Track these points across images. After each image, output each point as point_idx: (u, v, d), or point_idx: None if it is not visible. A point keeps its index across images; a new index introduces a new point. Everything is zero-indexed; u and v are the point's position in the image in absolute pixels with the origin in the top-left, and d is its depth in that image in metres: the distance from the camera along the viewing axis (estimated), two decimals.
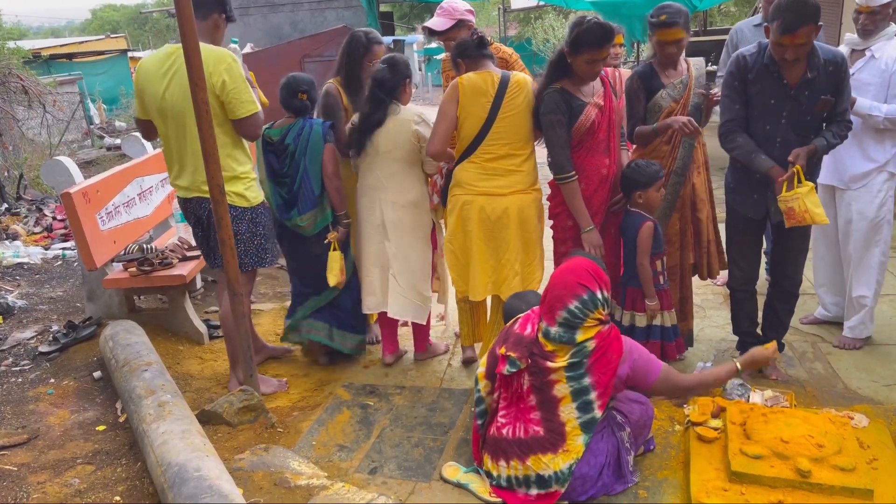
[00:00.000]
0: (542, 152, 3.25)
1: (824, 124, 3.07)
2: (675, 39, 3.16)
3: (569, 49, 2.98)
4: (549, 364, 2.48)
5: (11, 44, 10.49)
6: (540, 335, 2.54)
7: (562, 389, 2.47)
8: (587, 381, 2.46)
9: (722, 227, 3.48)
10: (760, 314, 3.48)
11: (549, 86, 3.08)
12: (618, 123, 3.27)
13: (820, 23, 2.79)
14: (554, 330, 2.49)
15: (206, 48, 2.94)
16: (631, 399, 2.87)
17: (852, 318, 3.65)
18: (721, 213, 3.42)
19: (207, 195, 3.02)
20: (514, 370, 2.56)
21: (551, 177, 3.20)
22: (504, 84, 3.17)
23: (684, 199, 3.40)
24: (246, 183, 3.24)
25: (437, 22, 3.68)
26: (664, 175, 3.14)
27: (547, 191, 3.34)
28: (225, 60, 3.04)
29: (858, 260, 3.55)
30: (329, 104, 3.63)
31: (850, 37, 3.49)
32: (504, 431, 2.60)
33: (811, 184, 2.95)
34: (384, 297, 3.58)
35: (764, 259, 4.52)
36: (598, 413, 2.47)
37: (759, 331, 3.49)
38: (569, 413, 2.48)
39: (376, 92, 3.40)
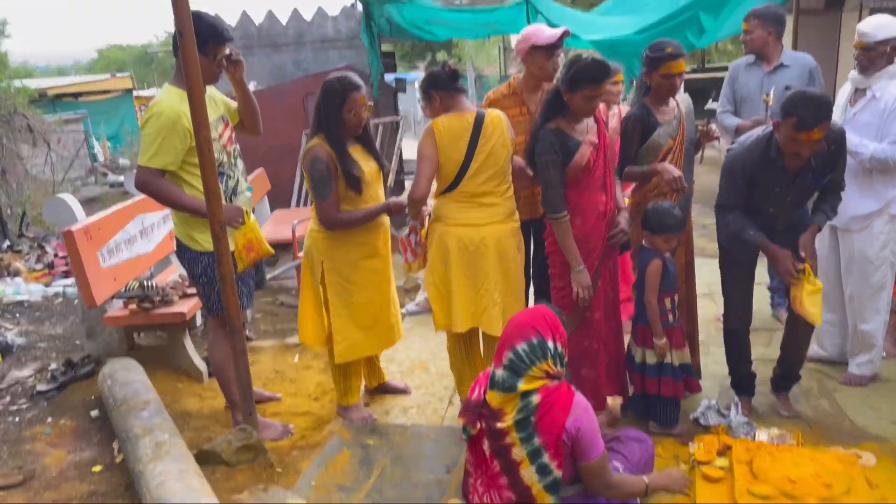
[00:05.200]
0: None
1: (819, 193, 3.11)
2: (679, 71, 3.20)
3: (566, 87, 3.00)
4: (500, 425, 2.38)
5: (18, 83, 10.61)
6: (487, 388, 2.45)
7: (518, 453, 2.37)
8: (537, 441, 2.34)
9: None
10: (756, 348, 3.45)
11: (544, 125, 3.09)
12: (612, 160, 3.28)
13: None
14: (499, 373, 2.39)
15: (180, 93, 2.98)
16: (630, 438, 2.82)
17: (859, 356, 3.61)
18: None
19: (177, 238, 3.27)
20: (466, 437, 2.51)
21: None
22: (479, 124, 3.18)
23: (688, 234, 3.41)
24: (198, 228, 3.16)
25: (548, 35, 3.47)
26: (680, 231, 3.13)
27: None
28: (151, 109, 3.04)
29: (863, 300, 3.52)
30: (321, 171, 3.20)
31: (853, 74, 3.48)
32: (484, 499, 2.53)
33: (819, 285, 3.01)
34: None
35: (768, 295, 4.52)
36: (557, 473, 2.36)
37: (753, 369, 3.45)
38: (530, 476, 2.38)
39: None
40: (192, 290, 4.27)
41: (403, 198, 3.43)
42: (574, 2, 12.92)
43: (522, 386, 2.34)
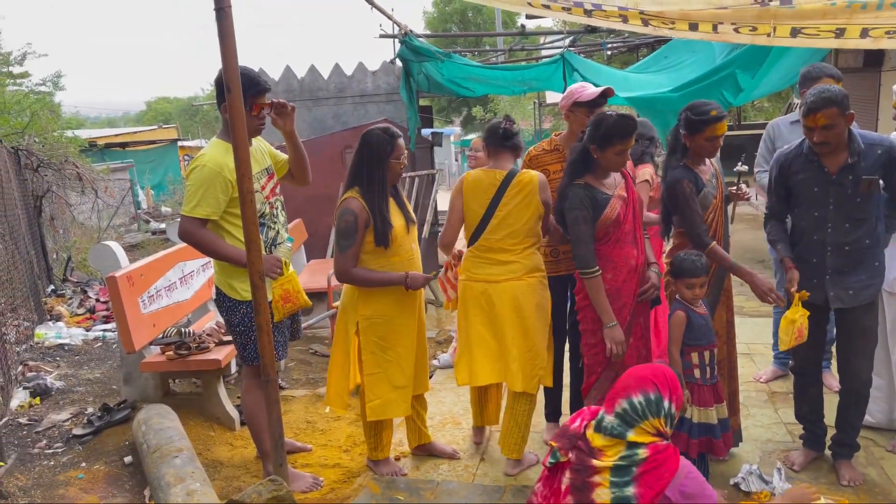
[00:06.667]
0: None
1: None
2: (723, 133, 3.21)
3: (598, 144, 3.02)
4: (595, 462, 2.31)
5: (69, 133, 11.04)
6: (591, 428, 2.39)
7: (602, 495, 2.26)
8: (631, 490, 2.24)
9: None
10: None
11: (572, 182, 3.11)
12: (641, 214, 3.29)
13: (850, 111, 2.85)
14: (608, 419, 2.35)
15: (224, 146, 3.10)
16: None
17: None
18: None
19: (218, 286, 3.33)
20: (554, 462, 2.44)
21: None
22: (507, 182, 3.26)
23: (728, 292, 3.36)
24: (238, 277, 3.20)
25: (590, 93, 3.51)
26: (700, 275, 3.09)
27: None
28: (195, 161, 3.18)
29: None
30: (347, 223, 3.20)
31: (894, 136, 3.45)
32: None
33: (798, 314, 3.01)
34: None
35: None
36: None
37: (825, 422, 3.37)
38: None
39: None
40: (228, 338, 4.31)
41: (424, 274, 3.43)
42: (610, 60, 13.08)
43: (632, 437, 2.30)
